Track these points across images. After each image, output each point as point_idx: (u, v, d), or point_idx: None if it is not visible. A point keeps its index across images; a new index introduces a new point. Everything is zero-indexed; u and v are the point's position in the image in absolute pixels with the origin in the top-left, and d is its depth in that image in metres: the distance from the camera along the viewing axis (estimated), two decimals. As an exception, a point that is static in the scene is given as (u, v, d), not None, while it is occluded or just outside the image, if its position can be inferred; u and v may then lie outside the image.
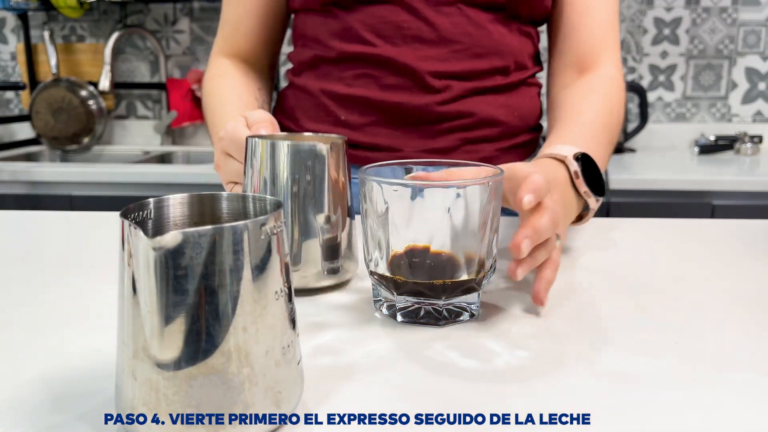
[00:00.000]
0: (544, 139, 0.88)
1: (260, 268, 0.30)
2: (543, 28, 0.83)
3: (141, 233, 0.28)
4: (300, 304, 0.49)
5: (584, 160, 0.58)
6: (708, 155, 1.87)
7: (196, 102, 2.08)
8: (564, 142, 0.63)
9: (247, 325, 0.30)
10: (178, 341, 0.28)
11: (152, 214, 0.34)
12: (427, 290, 0.44)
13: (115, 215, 0.75)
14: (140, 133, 2.17)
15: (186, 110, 2.08)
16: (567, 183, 0.57)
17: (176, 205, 0.35)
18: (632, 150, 1.93)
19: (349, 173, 0.52)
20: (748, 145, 1.87)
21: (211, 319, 0.29)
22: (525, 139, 0.81)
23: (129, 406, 0.30)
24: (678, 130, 2.01)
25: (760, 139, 1.90)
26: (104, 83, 2.00)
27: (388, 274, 0.44)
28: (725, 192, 1.51)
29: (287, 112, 0.82)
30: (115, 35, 2.02)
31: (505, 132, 0.78)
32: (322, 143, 0.49)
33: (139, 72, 2.14)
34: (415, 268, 0.44)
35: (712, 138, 1.93)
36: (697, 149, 1.89)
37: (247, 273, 0.30)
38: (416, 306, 0.45)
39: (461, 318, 0.46)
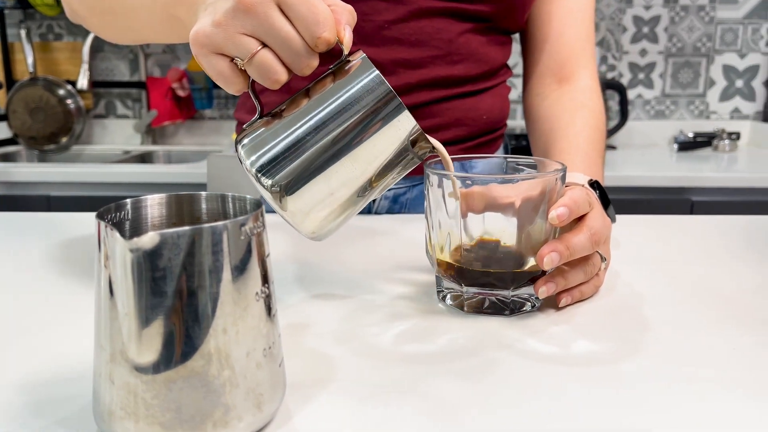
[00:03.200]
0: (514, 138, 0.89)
1: (240, 269, 0.30)
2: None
3: (117, 234, 0.27)
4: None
5: (598, 187, 0.58)
6: (687, 152, 1.89)
7: (177, 101, 2.06)
8: (573, 169, 0.64)
9: (227, 327, 0.29)
10: (157, 344, 0.28)
11: (130, 215, 0.34)
12: (497, 281, 0.46)
13: (94, 216, 0.74)
14: (120, 133, 2.15)
15: (167, 109, 2.06)
16: None
17: (154, 205, 0.35)
18: (613, 147, 1.95)
19: None
20: (726, 141, 1.89)
21: (190, 321, 0.28)
22: (489, 138, 0.81)
23: (107, 411, 0.30)
24: (657, 127, 2.04)
25: (738, 135, 1.93)
26: (82, 82, 1.97)
27: (457, 264, 0.46)
28: (704, 188, 1.53)
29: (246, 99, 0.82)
30: (93, 33, 2.00)
31: (470, 133, 0.78)
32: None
33: (118, 70, 2.12)
34: (485, 259, 0.46)
35: (691, 135, 1.95)
36: (676, 146, 1.91)
37: (226, 274, 0.29)
38: (482, 297, 0.47)
39: (524, 308, 0.47)
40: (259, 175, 0.43)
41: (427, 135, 0.45)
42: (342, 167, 0.43)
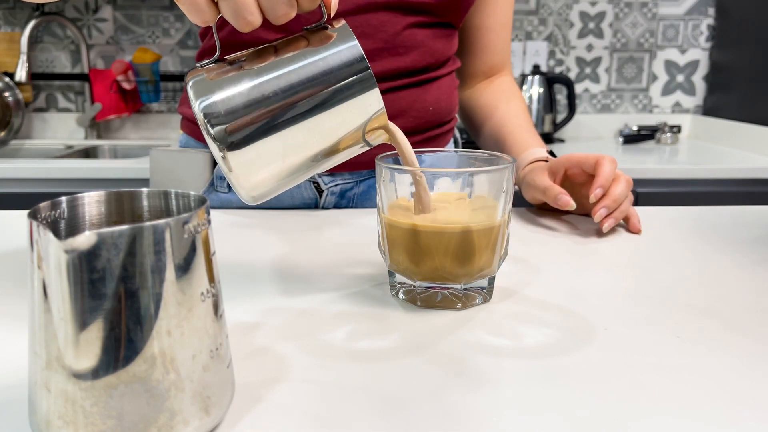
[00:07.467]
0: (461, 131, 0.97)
1: (184, 268, 0.29)
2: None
3: (51, 234, 0.26)
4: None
5: (554, 156, 0.69)
6: (631, 144, 1.94)
7: (122, 94, 2.00)
8: (532, 145, 0.79)
9: (171, 329, 0.28)
10: (96, 349, 0.27)
11: (66, 213, 0.32)
12: (448, 275, 0.45)
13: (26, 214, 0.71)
14: (62, 127, 2.07)
15: (111, 102, 2.00)
16: None
17: (92, 203, 0.33)
18: (561, 140, 1.99)
19: None
20: (668, 134, 1.95)
21: (131, 324, 0.27)
22: (438, 132, 0.81)
23: (44, 420, 0.28)
24: (603, 120, 2.09)
25: (679, 129, 1.99)
26: (21, 74, 1.89)
27: (408, 259, 0.46)
28: (648, 180, 1.57)
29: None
30: (32, 23, 1.91)
31: (417, 125, 0.78)
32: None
33: (58, 62, 2.04)
34: (435, 253, 0.45)
35: (635, 128, 2.00)
36: (621, 139, 1.96)
37: (170, 274, 0.28)
38: (434, 291, 0.47)
39: (476, 302, 0.48)
40: (207, 119, 0.40)
41: (389, 121, 0.45)
42: (300, 132, 0.41)
